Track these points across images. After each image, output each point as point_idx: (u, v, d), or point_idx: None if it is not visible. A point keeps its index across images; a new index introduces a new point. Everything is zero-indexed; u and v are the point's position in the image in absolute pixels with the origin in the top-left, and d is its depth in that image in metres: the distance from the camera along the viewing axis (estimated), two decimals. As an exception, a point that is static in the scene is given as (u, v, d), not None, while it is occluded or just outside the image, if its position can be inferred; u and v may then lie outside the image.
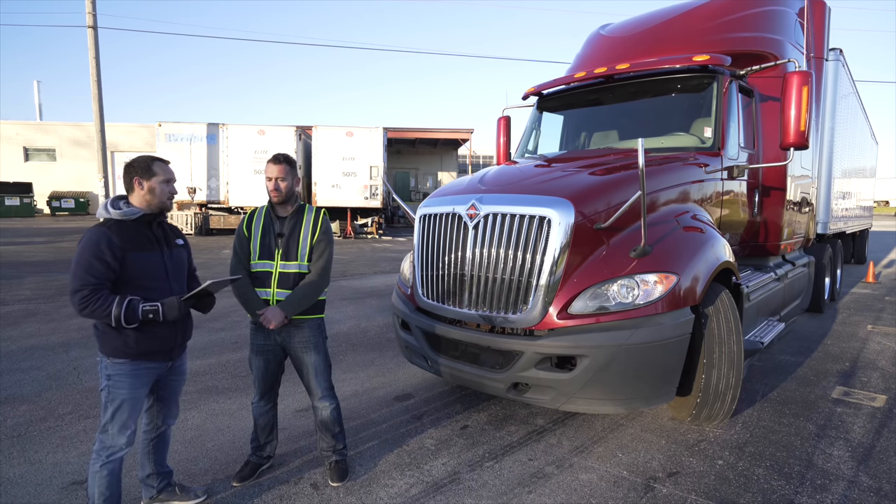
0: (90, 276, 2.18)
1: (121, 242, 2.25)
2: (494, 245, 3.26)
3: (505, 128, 6.08)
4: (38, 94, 36.21)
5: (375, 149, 19.55)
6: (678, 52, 4.73)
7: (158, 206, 2.39)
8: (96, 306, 2.17)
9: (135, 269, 2.29)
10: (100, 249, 2.20)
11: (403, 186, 32.33)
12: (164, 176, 2.38)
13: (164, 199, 2.39)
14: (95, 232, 2.24)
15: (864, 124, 10.14)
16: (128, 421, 2.33)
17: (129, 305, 2.22)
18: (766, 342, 4.17)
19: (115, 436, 2.31)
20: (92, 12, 16.15)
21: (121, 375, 2.30)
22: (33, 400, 4.00)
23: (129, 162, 2.38)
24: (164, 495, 2.64)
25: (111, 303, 2.19)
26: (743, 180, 4.55)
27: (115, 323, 2.21)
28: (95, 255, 2.20)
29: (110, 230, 2.26)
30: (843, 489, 2.85)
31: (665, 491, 2.82)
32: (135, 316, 2.23)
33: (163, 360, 2.43)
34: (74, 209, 27.23)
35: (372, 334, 6.09)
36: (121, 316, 2.19)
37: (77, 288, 2.18)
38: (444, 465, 3.09)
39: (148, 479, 2.62)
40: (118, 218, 2.30)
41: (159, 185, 2.36)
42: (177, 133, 19.07)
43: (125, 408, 2.32)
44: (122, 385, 2.30)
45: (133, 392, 2.33)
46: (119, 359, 2.29)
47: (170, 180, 2.41)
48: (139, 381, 2.35)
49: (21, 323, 6.34)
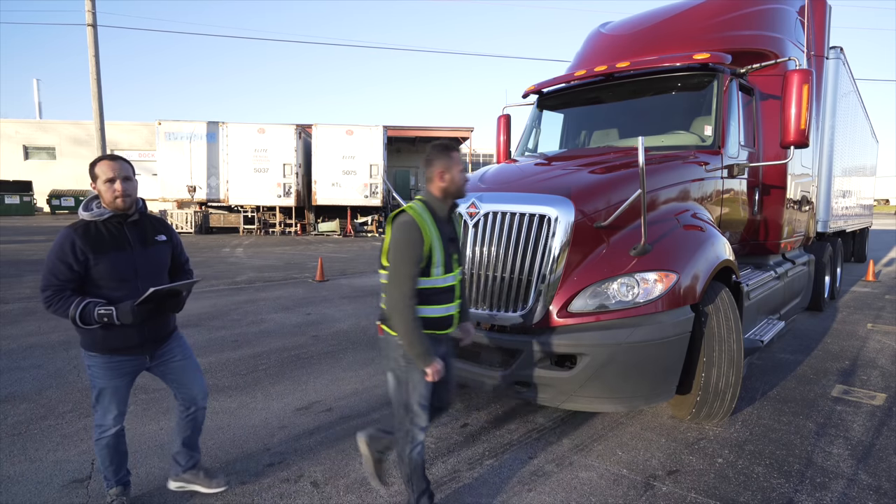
0: (53, 277, 2.29)
1: (84, 245, 2.30)
2: (494, 243, 3.26)
3: (505, 126, 6.08)
4: (37, 92, 36.23)
5: (375, 147, 19.55)
6: (679, 51, 4.72)
7: (111, 207, 2.35)
8: (58, 306, 2.29)
9: (98, 270, 2.33)
10: (63, 252, 2.28)
11: (403, 185, 32.31)
12: (104, 176, 2.31)
13: (111, 200, 2.33)
14: (62, 235, 2.32)
15: (865, 122, 10.13)
16: (109, 405, 2.48)
17: (85, 308, 2.29)
18: (765, 340, 4.17)
19: (101, 417, 2.49)
20: (91, 10, 16.11)
21: (95, 367, 2.44)
22: (33, 398, 4.00)
23: None
24: (187, 475, 2.74)
25: (70, 304, 2.28)
26: (743, 179, 4.55)
27: (72, 323, 2.31)
28: (59, 258, 2.29)
29: (76, 233, 2.32)
30: (842, 487, 2.85)
31: (665, 489, 2.82)
32: (90, 318, 2.29)
33: (135, 354, 2.49)
34: (74, 207, 27.24)
35: (372, 332, 6.09)
36: (76, 317, 2.28)
37: (42, 287, 2.31)
38: (443, 463, 3.09)
39: (177, 455, 2.74)
40: (88, 219, 2.36)
41: (103, 186, 2.33)
42: (177, 131, 19.08)
43: (105, 394, 2.47)
44: (98, 375, 2.45)
45: (109, 381, 2.46)
46: (91, 352, 2.42)
47: (113, 178, 2.31)
48: (114, 373, 2.45)
49: (21, 321, 6.34)
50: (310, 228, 20.51)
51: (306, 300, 7.96)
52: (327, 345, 5.58)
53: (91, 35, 16.10)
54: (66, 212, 27.05)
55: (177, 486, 2.75)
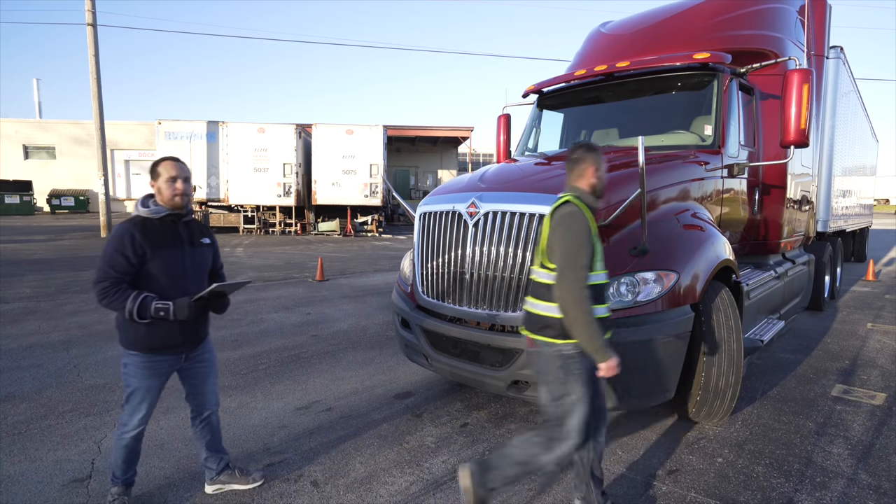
0: (111, 269, 2.32)
1: (143, 239, 2.36)
2: (494, 243, 3.26)
3: (505, 126, 6.07)
4: (37, 91, 36.17)
5: (375, 147, 19.53)
6: (679, 50, 4.71)
7: (170, 205, 2.47)
8: (113, 298, 2.32)
9: (154, 265, 2.39)
10: (122, 244, 2.33)
11: (403, 184, 32.31)
12: (167, 174, 2.44)
13: (170, 197, 2.45)
14: (121, 228, 2.37)
15: (865, 122, 10.12)
16: (139, 406, 2.48)
17: (143, 302, 2.33)
18: (765, 340, 4.18)
19: (128, 416, 2.49)
20: (91, 10, 16.10)
21: (133, 366, 2.45)
22: (34, 398, 4.01)
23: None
24: (223, 476, 2.77)
25: (127, 297, 2.32)
26: (743, 178, 4.55)
27: (128, 317, 2.33)
28: (118, 250, 2.33)
29: (135, 227, 2.39)
30: (842, 487, 2.85)
31: (665, 488, 2.82)
32: (146, 312, 2.34)
33: (174, 353, 2.53)
34: (74, 207, 27.22)
35: (372, 332, 6.10)
36: (133, 311, 2.32)
37: (99, 279, 2.33)
38: (444, 462, 3.10)
39: (206, 461, 2.77)
40: (146, 215, 2.44)
41: (164, 184, 2.44)
42: (176, 131, 19.06)
43: (137, 394, 2.47)
44: (134, 374, 2.46)
45: (144, 381, 2.47)
46: (132, 350, 2.44)
47: (175, 177, 2.45)
48: (150, 372, 2.47)
49: (21, 321, 6.34)
50: (310, 228, 20.51)
51: (306, 300, 7.96)
52: (327, 344, 5.58)
53: (91, 34, 16.09)
54: (66, 211, 27.04)
55: (214, 489, 2.77)
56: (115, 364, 4.82)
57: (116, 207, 25.31)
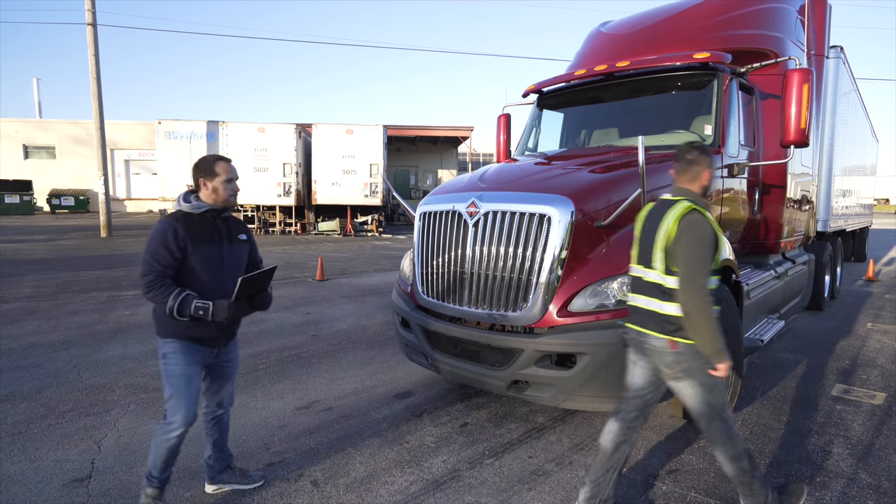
0: (156, 263, 2.37)
1: (185, 233, 2.41)
2: (494, 243, 3.26)
3: (505, 125, 6.07)
4: (37, 91, 36.18)
5: (375, 146, 19.53)
6: (679, 50, 4.71)
7: (223, 203, 2.54)
8: (158, 292, 2.35)
9: (195, 259, 2.43)
10: (166, 238, 2.37)
11: (403, 184, 32.32)
12: (225, 176, 2.51)
13: (227, 197, 2.54)
14: (164, 223, 2.43)
15: (865, 122, 10.12)
16: (186, 395, 2.46)
17: (184, 300, 2.36)
18: (765, 340, 4.18)
19: (174, 410, 2.46)
20: (91, 9, 16.09)
21: (174, 353, 2.46)
22: (34, 397, 4.01)
23: (196, 162, 2.55)
24: (224, 476, 2.78)
25: (170, 293, 2.35)
26: (743, 178, 4.55)
27: (168, 313, 2.36)
28: (161, 244, 2.37)
29: (178, 221, 2.43)
30: (842, 486, 2.85)
31: (665, 488, 2.82)
32: (186, 310, 2.36)
33: (209, 346, 2.56)
34: (74, 207, 27.23)
35: (372, 332, 6.10)
36: (174, 308, 2.35)
37: (145, 272, 2.38)
38: (444, 462, 3.10)
39: (209, 459, 2.77)
40: (187, 210, 2.48)
41: (222, 185, 2.50)
42: (176, 130, 19.06)
43: (181, 383, 2.46)
44: (175, 361, 2.46)
45: (186, 368, 2.47)
46: (169, 338, 2.47)
47: (231, 179, 2.54)
48: (190, 358, 2.49)
49: (21, 320, 6.34)
50: (310, 228, 20.51)
51: (306, 299, 7.97)
52: (327, 344, 5.58)
53: (91, 34, 16.09)
54: (66, 211, 27.04)
55: (213, 488, 2.77)
56: (115, 364, 4.82)
57: (116, 207, 25.34)
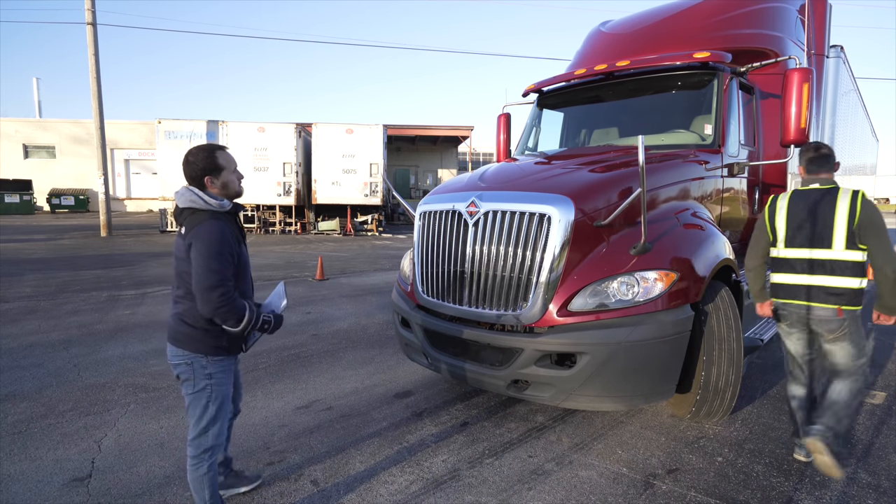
0: (226, 270, 2.08)
1: (233, 233, 2.21)
2: (494, 242, 3.26)
3: (505, 125, 6.07)
4: (37, 91, 36.18)
5: (375, 146, 19.52)
6: (679, 49, 4.71)
7: (234, 194, 2.32)
8: (232, 306, 2.09)
9: (239, 263, 2.25)
10: (225, 240, 2.10)
11: (403, 184, 32.31)
12: (231, 166, 2.31)
13: (237, 188, 2.33)
14: (215, 224, 2.13)
15: (865, 121, 10.11)
16: (227, 415, 2.36)
17: (257, 314, 2.20)
18: (766, 339, 4.17)
19: (217, 434, 2.30)
20: (91, 9, 16.09)
21: (221, 373, 2.29)
22: (34, 397, 4.01)
23: (190, 159, 2.23)
24: (229, 480, 2.71)
25: (244, 307, 2.13)
26: (743, 177, 4.55)
27: (242, 328, 2.16)
28: (224, 249, 2.09)
29: (222, 221, 2.17)
30: (841, 486, 2.85)
31: (665, 488, 2.83)
32: (257, 324, 2.23)
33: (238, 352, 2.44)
34: (74, 206, 27.24)
35: (372, 331, 6.10)
36: (250, 322, 2.16)
37: (216, 283, 2.05)
38: (444, 461, 3.10)
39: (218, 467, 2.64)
40: (218, 209, 2.21)
41: (231, 176, 2.30)
42: (176, 130, 19.05)
43: (226, 403, 2.33)
44: (222, 381, 2.30)
45: (229, 388, 2.36)
46: (219, 356, 2.27)
47: (236, 168, 2.35)
48: (230, 376, 2.37)
49: (21, 320, 6.34)
50: (310, 227, 20.50)
51: (306, 299, 7.97)
52: (327, 343, 5.58)
53: (91, 34, 16.08)
54: (66, 211, 27.05)
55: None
56: (115, 363, 4.82)
57: (116, 207, 25.35)
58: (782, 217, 3.00)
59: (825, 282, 2.87)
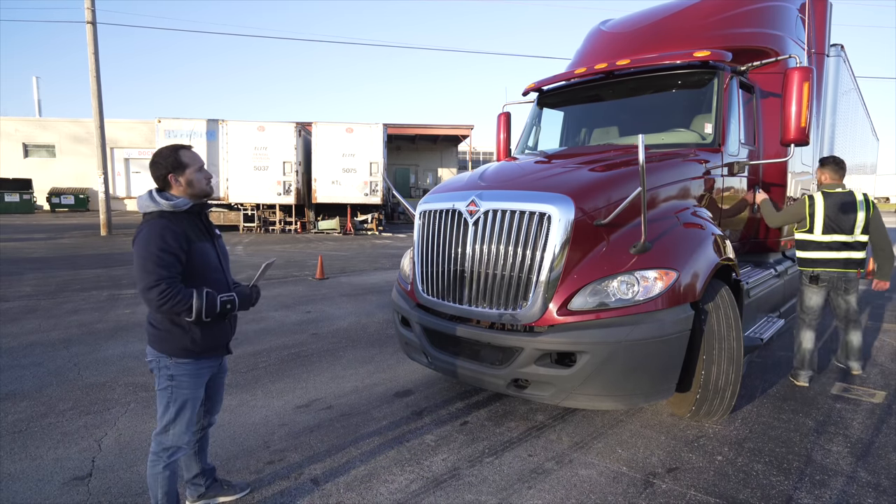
0: (163, 270, 2.09)
1: (182, 232, 2.18)
2: (494, 241, 3.26)
3: (505, 124, 6.07)
4: (37, 90, 36.14)
5: (375, 145, 19.52)
6: (679, 48, 4.71)
7: (202, 194, 2.32)
8: (177, 300, 2.09)
9: (198, 260, 2.23)
10: (165, 241, 2.11)
11: (403, 183, 32.30)
12: (195, 164, 2.29)
13: (203, 187, 2.31)
14: (156, 224, 2.14)
15: (865, 120, 10.10)
16: (191, 419, 2.33)
17: (209, 297, 2.17)
18: (765, 338, 4.18)
19: (179, 435, 2.30)
20: (91, 8, 16.07)
21: (184, 375, 2.28)
22: (34, 396, 4.01)
23: (154, 160, 2.27)
24: (211, 492, 2.65)
25: (190, 295, 2.12)
26: (743, 177, 4.55)
27: (195, 316, 2.15)
28: (162, 248, 2.10)
29: (170, 220, 2.17)
30: (841, 485, 2.86)
31: (664, 486, 2.83)
32: (214, 308, 2.19)
33: (219, 355, 2.43)
34: (74, 205, 27.23)
35: (372, 330, 6.10)
36: (202, 308, 2.14)
37: (152, 284, 2.07)
38: (444, 460, 3.10)
39: (195, 479, 2.62)
40: (170, 209, 2.20)
41: (195, 175, 2.28)
42: (176, 129, 19.03)
43: (188, 407, 2.31)
44: (185, 384, 2.29)
45: (195, 391, 2.33)
46: (183, 358, 2.26)
47: (202, 167, 2.32)
48: (200, 381, 2.35)
49: (21, 319, 6.34)
50: (310, 226, 20.50)
51: (306, 298, 7.97)
52: (327, 343, 5.58)
53: (90, 33, 16.07)
54: (66, 210, 27.04)
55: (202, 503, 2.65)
56: (115, 362, 4.83)
57: (116, 206, 25.32)
58: (820, 211, 4.19)
59: (851, 255, 4.23)
